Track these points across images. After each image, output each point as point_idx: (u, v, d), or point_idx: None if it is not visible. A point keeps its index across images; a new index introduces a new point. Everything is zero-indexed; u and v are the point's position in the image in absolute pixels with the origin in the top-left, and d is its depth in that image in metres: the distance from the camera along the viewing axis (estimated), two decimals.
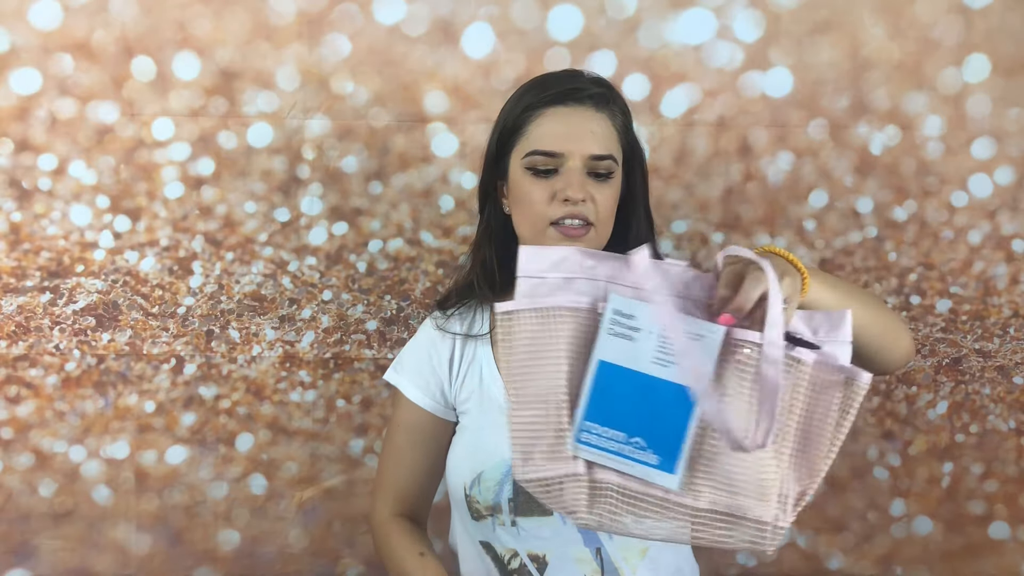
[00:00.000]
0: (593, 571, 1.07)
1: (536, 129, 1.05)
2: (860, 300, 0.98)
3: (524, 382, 0.90)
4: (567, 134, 1.04)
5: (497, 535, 1.09)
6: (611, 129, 1.06)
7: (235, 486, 1.56)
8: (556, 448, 0.89)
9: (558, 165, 1.04)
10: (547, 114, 1.05)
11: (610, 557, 1.07)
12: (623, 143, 1.08)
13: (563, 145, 1.03)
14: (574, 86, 1.06)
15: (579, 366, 0.89)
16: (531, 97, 1.07)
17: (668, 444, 0.84)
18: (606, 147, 1.05)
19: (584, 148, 1.03)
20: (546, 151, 1.04)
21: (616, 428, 0.85)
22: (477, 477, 1.09)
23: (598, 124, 1.05)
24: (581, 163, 1.04)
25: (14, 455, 1.53)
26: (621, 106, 1.09)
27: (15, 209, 1.46)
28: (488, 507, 1.08)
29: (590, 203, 1.03)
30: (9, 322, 1.49)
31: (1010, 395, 1.57)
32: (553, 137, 1.04)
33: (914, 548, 1.61)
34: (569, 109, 1.04)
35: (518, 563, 1.08)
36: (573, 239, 1.04)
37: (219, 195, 1.47)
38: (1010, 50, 1.45)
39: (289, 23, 1.43)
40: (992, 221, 1.51)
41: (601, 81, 1.09)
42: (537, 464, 0.89)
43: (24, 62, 1.42)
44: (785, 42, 1.45)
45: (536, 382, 0.90)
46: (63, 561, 1.56)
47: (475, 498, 1.09)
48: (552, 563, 1.07)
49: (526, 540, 1.08)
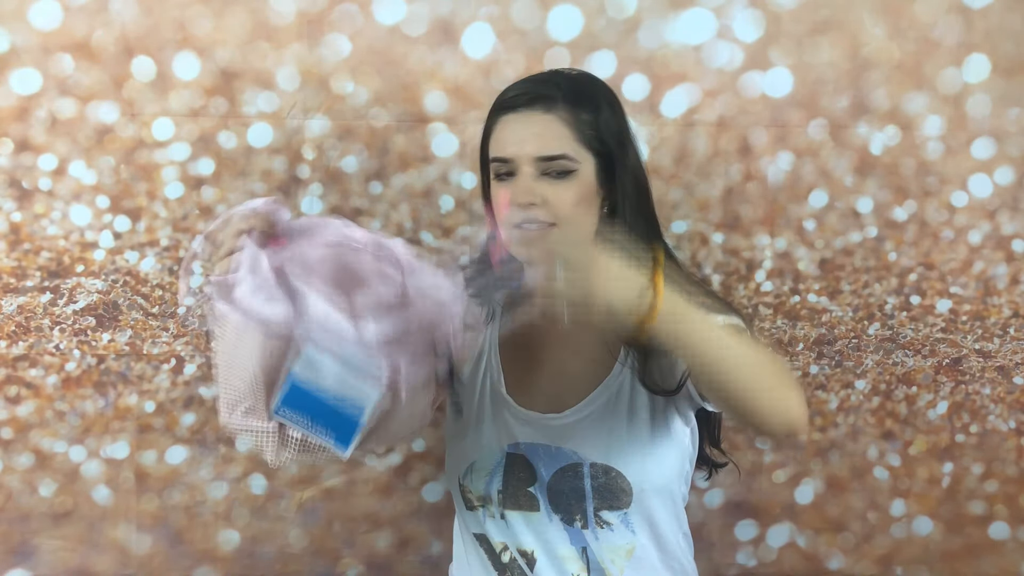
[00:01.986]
0: (580, 569, 1.08)
1: (494, 135, 1.06)
2: (731, 353, 0.87)
3: (234, 355, 0.96)
4: (514, 139, 1.04)
5: (488, 527, 1.10)
6: (563, 128, 1.04)
7: (235, 486, 1.56)
8: (255, 410, 0.97)
9: (513, 169, 1.05)
10: (500, 121, 1.06)
11: (596, 557, 1.08)
12: (586, 140, 1.05)
13: (511, 150, 1.04)
14: (522, 91, 1.06)
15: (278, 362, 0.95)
16: (495, 104, 1.08)
17: (346, 430, 0.95)
18: (554, 147, 1.03)
19: (530, 151, 1.03)
20: (499, 157, 1.05)
21: (305, 414, 0.95)
22: (470, 466, 1.10)
23: (546, 127, 1.04)
24: (530, 166, 1.04)
25: (14, 455, 1.53)
26: (585, 103, 1.06)
27: (15, 209, 1.46)
28: (479, 497, 1.10)
29: (542, 206, 1.02)
30: (9, 322, 1.49)
31: (1010, 395, 1.57)
32: (504, 143, 1.05)
33: (914, 548, 1.60)
34: (516, 115, 1.05)
35: (509, 557, 1.09)
36: (532, 240, 1.03)
37: (219, 195, 1.47)
38: (1010, 50, 1.45)
39: (289, 23, 1.43)
40: (992, 221, 1.51)
41: (562, 79, 1.08)
42: (237, 417, 0.98)
43: (24, 62, 1.42)
44: (785, 42, 1.45)
45: (242, 361, 0.95)
46: (63, 561, 1.56)
47: (468, 487, 1.11)
48: (540, 560, 1.08)
49: (514, 534, 1.09)
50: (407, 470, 1.57)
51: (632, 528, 1.07)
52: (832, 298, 1.53)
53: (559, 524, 1.07)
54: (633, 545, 1.08)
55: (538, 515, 1.08)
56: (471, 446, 1.11)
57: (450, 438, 1.15)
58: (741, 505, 1.59)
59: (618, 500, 1.06)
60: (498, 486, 1.09)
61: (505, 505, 1.08)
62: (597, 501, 1.06)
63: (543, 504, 1.07)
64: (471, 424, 1.12)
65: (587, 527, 1.07)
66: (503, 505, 1.09)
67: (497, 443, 1.09)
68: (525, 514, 1.08)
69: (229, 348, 0.97)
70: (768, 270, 1.52)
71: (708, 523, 1.59)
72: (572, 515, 1.07)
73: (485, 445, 1.10)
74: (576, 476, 1.06)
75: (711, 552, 1.59)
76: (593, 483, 1.06)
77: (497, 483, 1.09)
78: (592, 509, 1.06)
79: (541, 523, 1.08)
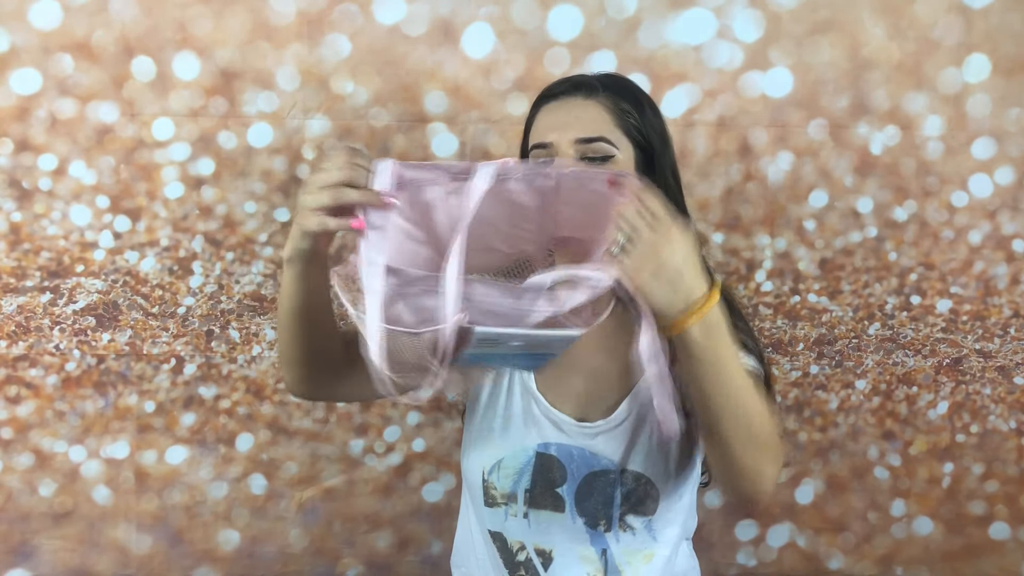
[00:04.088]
0: (597, 570, 1.07)
1: (535, 126, 1.07)
2: (739, 396, 0.84)
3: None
4: (555, 124, 1.04)
5: (508, 525, 1.09)
6: (603, 113, 1.05)
7: (235, 486, 1.56)
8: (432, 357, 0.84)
9: (552, 155, 1.04)
10: (541, 111, 1.07)
11: (614, 560, 1.07)
12: (626, 128, 1.05)
13: (551, 135, 1.04)
14: (568, 80, 1.07)
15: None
16: (536, 99, 1.09)
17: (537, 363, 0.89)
18: (594, 129, 1.04)
19: (569, 134, 1.03)
20: (539, 143, 1.05)
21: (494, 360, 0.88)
22: (498, 463, 1.09)
23: (585, 110, 1.05)
24: (570, 148, 1.03)
25: (14, 455, 1.53)
26: (627, 95, 1.07)
27: (15, 209, 1.46)
28: (504, 495, 1.08)
29: None
30: (9, 322, 1.49)
31: (1011, 395, 1.57)
32: (544, 129, 1.05)
33: (914, 548, 1.61)
34: (558, 102, 1.06)
35: (524, 556, 1.08)
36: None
37: (219, 195, 1.47)
38: (1010, 50, 1.45)
39: (289, 23, 1.43)
40: (992, 221, 1.51)
41: (603, 76, 1.09)
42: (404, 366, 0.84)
43: (24, 62, 1.42)
44: (785, 42, 1.45)
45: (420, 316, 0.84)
46: (63, 561, 1.56)
47: (493, 484, 1.09)
48: (557, 559, 1.07)
49: (535, 533, 1.08)
50: (407, 470, 1.57)
51: (654, 535, 1.07)
52: (832, 298, 1.53)
53: (582, 526, 1.06)
54: (653, 552, 1.08)
55: (562, 516, 1.07)
56: (499, 443, 1.09)
57: (474, 435, 1.12)
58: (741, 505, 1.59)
59: (645, 507, 1.06)
60: (526, 485, 1.07)
61: (531, 504, 1.07)
62: (624, 507, 1.05)
63: (569, 506, 1.06)
64: (498, 421, 1.11)
65: (610, 530, 1.06)
66: (529, 504, 1.07)
67: (528, 442, 1.08)
68: (549, 514, 1.07)
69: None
70: (768, 270, 1.52)
71: (708, 523, 1.59)
72: (597, 519, 1.06)
73: (515, 443, 1.08)
74: (607, 482, 1.05)
75: (711, 552, 1.59)
76: (623, 489, 1.05)
77: (525, 482, 1.07)
78: (618, 515, 1.05)
79: (564, 524, 1.07)
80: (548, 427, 1.08)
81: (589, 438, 1.07)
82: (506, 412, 1.10)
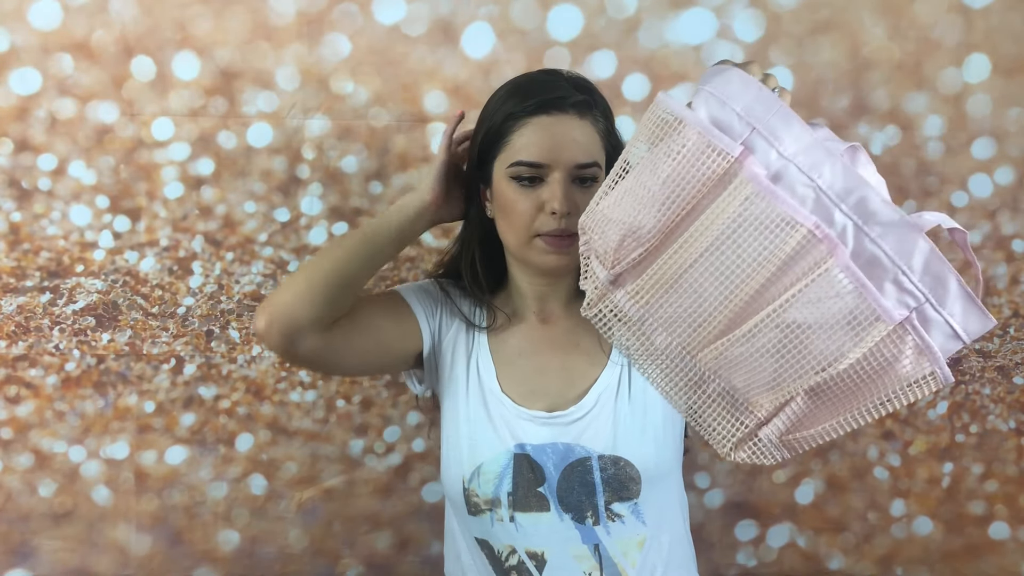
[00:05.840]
0: (592, 567, 1.07)
1: (519, 139, 1.04)
2: None
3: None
4: (551, 145, 1.03)
5: (495, 531, 1.09)
6: (594, 135, 1.05)
7: (235, 486, 1.56)
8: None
9: (543, 175, 1.04)
10: (530, 124, 1.04)
11: (608, 553, 1.07)
12: (606, 147, 1.07)
13: (547, 156, 1.03)
14: (556, 94, 1.04)
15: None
16: (512, 105, 1.06)
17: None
18: (590, 154, 1.04)
19: (569, 158, 1.03)
20: (530, 162, 1.03)
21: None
22: (476, 469, 1.09)
23: (581, 132, 1.04)
24: (566, 173, 1.03)
25: (14, 455, 1.53)
26: (603, 109, 1.08)
27: (15, 209, 1.46)
28: (487, 501, 1.08)
29: (575, 214, 1.02)
30: (9, 322, 1.49)
31: (1010, 395, 1.57)
32: (537, 148, 1.03)
33: (914, 548, 1.61)
34: (552, 119, 1.03)
35: (516, 560, 1.08)
36: (560, 251, 1.04)
37: (219, 195, 1.47)
38: (1010, 50, 1.45)
39: (289, 23, 1.43)
40: (992, 221, 1.51)
41: (581, 85, 1.08)
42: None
43: (24, 62, 1.42)
44: (785, 42, 1.45)
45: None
46: (63, 561, 1.56)
47: (474, 491, 1.09)
48: (551, 560, 1.07)
49: (524, 537, 1.08)
50: (407, 470, 1.57)
51: (643, 519, 1.07)
52: None
53: (570, 523, 1.07)
54: (644, 536, 1.08)
55: (548, 515, 1.07)
56: (473, 450, 1.09)
57: (450, 447, 1.13)
58: (741, 505, 1.59)
59: (628, 490, 1.06)
60: (508, 488, 1.07)
61: (516, 507, 1.07)
62: (608, 494, 1.06)
63: (553, 504, 1.07)
64: (464, 428, 1.11)
65: (599, 523, 1.06)
66: (513, 507, 1.07)
67: (501, 445, 1.08)
68: (536, 515, 1.07)
69: None
70: None
71: (708, 523, 1.59)
72: (583, 512, 1.06)
73: (492, 448, 1.08)
74: (585, 470, 1.06)
75: (711, 552, 1.59)
76: (603, 475, 1.06)
77: (507, 485, 1.07)
78: (603, 503, 1.06)
79: (552, 523, 1.07)
80: (520, 427, 1.08)
81: (563, 427, 1.07)
82: (476, 419, 1.10)
